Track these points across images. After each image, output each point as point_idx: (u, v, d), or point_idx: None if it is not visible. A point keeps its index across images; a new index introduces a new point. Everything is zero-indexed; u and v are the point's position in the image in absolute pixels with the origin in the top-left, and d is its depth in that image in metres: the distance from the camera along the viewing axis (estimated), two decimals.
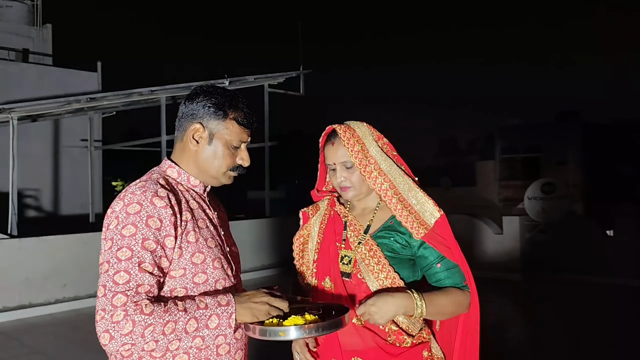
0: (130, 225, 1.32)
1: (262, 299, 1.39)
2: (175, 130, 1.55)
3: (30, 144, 12.64)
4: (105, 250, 1.33)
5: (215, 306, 1.34)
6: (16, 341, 5.62)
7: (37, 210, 13.56)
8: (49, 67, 15.00)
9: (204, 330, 1.31)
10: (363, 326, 1.60)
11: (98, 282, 1.34)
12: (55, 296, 6.94)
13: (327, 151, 1.70)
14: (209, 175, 1.52)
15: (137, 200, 1.35)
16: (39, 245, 6.97)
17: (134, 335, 1.24)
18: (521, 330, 5.82)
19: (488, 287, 7.99)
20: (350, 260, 1.64)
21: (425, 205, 1.65)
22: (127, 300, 1.26)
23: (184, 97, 1.55)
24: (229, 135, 1.49)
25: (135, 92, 9.05)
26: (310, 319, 1.42)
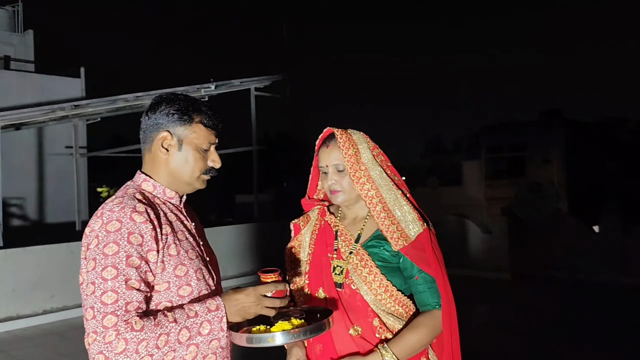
0: (112, 243, 1.31)
1: (250, 302, 1.40)
2: (141, 143, 1.54)
3: (14, 152, 12.48)
4: (89, 271, 1.32)
5: (205, 312, 1.34)
6: (4, 354, 5.53)
7: (22, 219, 13.40)
8: (32, 73, 14.85)
9: (197, 337, 1.32)
10: (360, 336, 1.61)
11: (84, 303, 1.34)
12: (43, 307, 6.85)
13: (321, 154, 1.72)
14: (183, 182, 1.51)
15: (116, 217, 1.34)
16: (24, 256, 6.88)
17: (128, 353, 1.24)
18: (511, 329, 5.85)
19: (477, 286, 8.06)
20: (342, 270, 1.65)
21: (409, 218, 1.65)
22: (117, 320, 1.25)
23: (147, 108, 1.55)
24: (197, 139, 1.50)
25: (120, 98, 8.98)
26: (297, 323, 1.42)
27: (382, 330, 1.61)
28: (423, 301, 1.65)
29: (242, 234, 9.42)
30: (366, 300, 1.62)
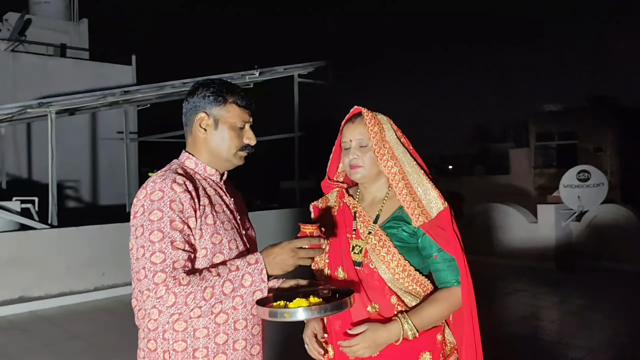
0: (156, 210, 1.43)
1: (287, 254, 1.49)
2: (184, 126, 1.67)
3: (69, 136, 13.03)
4: (138, 237, 1.44)
5: (245, 266, 1.45)
6: (58, 327, 5.85)
7: (76, 201, 14.00)
8: (86, 61, 15.38)
9: (241, 289, 1.43)
10: (377, 313, 1.65)
11: (135, 267, 1.46)
12: (94, 284, 7.18)
13: (345, 130, 1.77)
14: (222, 158, 1.63)
15: (159, 188, 1.47)
16: (78, 235, 7.22)
17: (178, 305, 1.36)
18: (554, 320, 5.74)
19: (521, 276, 7.94)
20: (361, 249, 1.69)
21: (431, 196, 1.68)
22: (166, 277, 1.37)
23: (187, 93, 1.66)
24: (232, 118, 1.61)
25: (167, 84, 9.21)
26: (314, 301, 1.47)
27: (400, 308, 1.64)
28: (442, 279, 1.67)
29: (284, 218, 9.58)
30: (384, 279, 1.65)
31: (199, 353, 1.50)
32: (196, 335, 1.49)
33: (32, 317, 6.23)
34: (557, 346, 4.87)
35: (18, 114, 9.33)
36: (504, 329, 5.37)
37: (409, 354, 1.63)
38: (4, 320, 6.11)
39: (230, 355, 1.53)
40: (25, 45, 14.93)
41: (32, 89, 12.80)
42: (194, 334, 1.49)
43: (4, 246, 6.60)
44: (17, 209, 7.90)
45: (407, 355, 1.63)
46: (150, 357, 1.52)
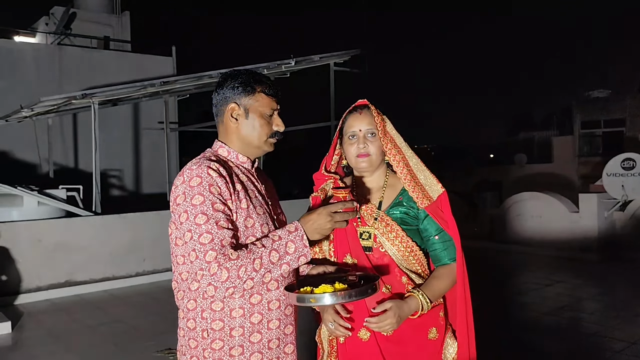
0: (197, 195, 1.50)
1: (324, 218, 1.56)
2: (215, 117, 1.74)
3: (113, 126, 13.41)
4: (182, 222, 1.51)
5: (286, 235, 1.54)
6: (101, 310, 6.08)
7: (120, 189, 14.41)
8: (128, 53, 15.74)
9: (286, 256, 1.51)
10: (391, 293, 1.74)
11: (178, 252, 1.57)
12: (136, 269, 7.42)
13: (351, 120, 1.84)
14: (253, 146, 1.69)
15: (196, 174, 1.53)
16: (120, 222, 7.46)
17: (232, 279, 1.45)
18: (593, 312, 5.61)
19: (561, 267, 7.77)
20: (369, 235, 1.79)
21: (430, 181, 1.81)
22: (216, 254, 1.45)
23: (215, 86, 1.73)
24: (261, 107, 1.68)
25: (205, 75, 9.34)
26: (339, 287, 1.53)
27: (409, 287, 1.76)
28: (439, 257, 1.80)
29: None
30: (394, 261, 1.76)
31: (235, 332, 1.57)
32: (232, 315, 1.57)
33: (77, 301, 6.50)
34: (597, 338, 4.76)
35: (64, 105, 9.65)
36: (543, 320, 5.29)
37: (420, 330, 1.76)
38: (51, 303, 6.39)
39: (265, 334, 1.61)
40: (70, 39, 15.40)
41: (77, 80, 13.21)
42: (230, 314, 1.56)
43: (50, 232, 6.89)
44: (63, 197, 8.22)
45: (418, 331, 1.76)
46: (189, 335, 1.61)
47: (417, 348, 1.75)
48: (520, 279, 7.34)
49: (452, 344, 1.81)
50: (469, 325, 1.80)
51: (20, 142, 12.40)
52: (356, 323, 1.73)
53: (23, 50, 13.55)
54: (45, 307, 6.23)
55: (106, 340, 5.00)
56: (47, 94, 9.77)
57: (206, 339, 1.57)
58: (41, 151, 11.94)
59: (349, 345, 1.78)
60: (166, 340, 4.76)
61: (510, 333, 4.87)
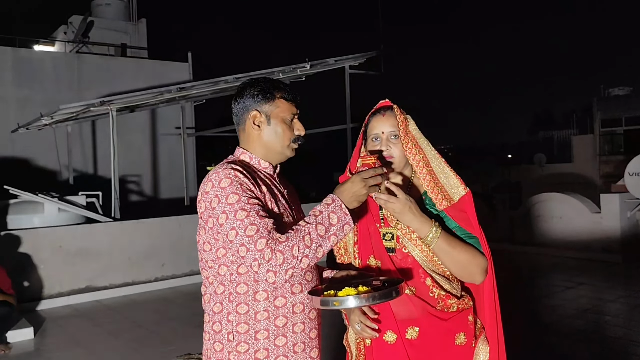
0: (231, 194, 1.52)
1: (358, 186, 1.57)
2: (235, 125, 1.76)
3: (131, 133, 13.55)
4: (223, 223, 1.51)
5: (325, 207, 1.55)
6: (121, 315, 6.13)
7: (138, 195, 14.55)
8: (145, 59, 15.92)
9: (332, 227, 1.52)
10: (415, 295, 1.71)
11: (210, 258, 1.60)
12: (155, 275, 7.47)
13: (374, 122, 1.81)
14: (276, 152, 1.71)
15: (224, 175, 1.55)
16: (138, 228, 7.52)
17: (288, 260, 1.46)
18: (618, 314, 5.49)
19: (584, 269, 7.64)
20: (392, 236, 1.76)
21: (452, 182, 1.77)
22: (266, 241, 1.46)
23: (234, 95, 1.75)
24: (282, 113, 1.70)
25: (221, 80, 9.39)
26: (363, 290, 1.52)
27: (435, 289, 1.72)
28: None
29: None
30: (418, 262, 1.72)
31: (260, 335, 1.58)
32: (257, 318, 1.58)
33: (98, 306, 6.55)
34: (622, 341, 4.66)
35: (82, 113, 9.78)
36: (566, 323, 5.19)
37: (447, 335, 1.72)
38: (72, 308, 6.45)
39: (290, 337, 1.61)
40: (88, 47, 15.62)
41: (96, 88, 13.39)
42: (255, 317, 1.58)
43: (70, 238, 6.96)
44: (82, 203, 8.31)
45: (445, 335, 1.71)
46: (215, 338, 1.62)
47: (444, 353, 1.71)
48: (541, 281, 7.23)
49: (484, 349, 1.77)
50: (499, 330, 1.76)
51: (41, 149, 12.60)
52: (382, 326, 1.71)
53: (42, 59, 13.77)
54: (67, 312, 6.30)
55: (127, 346, 5.03)
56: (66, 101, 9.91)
57: (231, 341, 1.59)
58: (61, 158, 12.11)
59: (375, 349, 1.75)
60: (186, 345, 4.77)
61: (533, 336, 4.79)
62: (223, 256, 1.58)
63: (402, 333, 1.70)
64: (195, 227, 1.69)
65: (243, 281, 1.58)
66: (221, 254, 1.58)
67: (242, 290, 1.58)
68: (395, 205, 1.63)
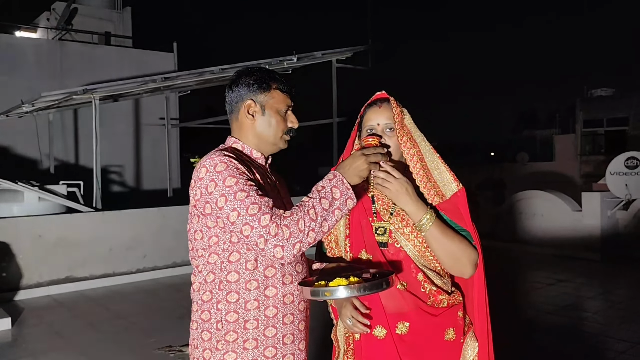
0: (229, 177, 1.50)
1: (360, 161, 1.57)
2: (228, 113, 1.74)
3: (114, 122, 13.38)
4: (223, 206, 1.49)
5: (327, 183, 1.54)
6: (102, 307, 6.05)
7: (121, 185, 14.39)
8: (129, 48, 15.71)
9: (335, 202, 1.51)
10: (406, 290, 1.70)
11: (201, 247, 1.58)
12: (137, 266, 7.39)
13: (370, 113, 1.79)
14: (269, 142, 1.70)
15: (219, 161, 1.53)
16: (120, 219, 7.43)
17: (294, 234, 1.45)
18: (597, 311, 5.57)
19: (564, 266, 7.72)
20: (385, 230, 1.74)
21: (446, 178, 1.75)
22: (270, 216, 1.45)
23: (229, 84, 1.73)
24: (277, 104, 1.68)
25: (207, 71, 9.30)
26: (354, 281, 1.51)
27: (427, 284, 1.71)
28: None
29: None
30: (410, 257, 1.71)
31: (250, 324, 1.57)
32: (247, 307, 1.56)
33: (78, 297, 6.47)
34: (601, 338, 4.73)
35: (64, 101, 9.62)
36: (547, 319, 5.25)
37: (436, 330, 1.71)
38: (51, 299, 6.36)
39: (280, 328, 1.61)
40: (71, 34, 15.37)
41: (78, 76, 13.18)
42: (245, 306, 1.56)
43: (51, 228, 6.85)
44: (63, 193, 8.18)
45: (435, 331, 1.71)
46: (203, 327, 1.60)
47: (433, 348, 1.71)
48: (523, 278, 7.31)
49: (472, 344, 1.76)
50: (488, 326, 1.77)
51: (21, 137, 12.39)
52: (372, 321, 1.70)
53: (24, 45, 13.51)
54: (46, 303, 6.20)
55: (106, 337, 4.97)
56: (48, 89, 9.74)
57: (220, 330, 1.57)
58: (42, 147, 11.92)
59: (364, 343, 1.74)
60: (167, 337, 4.73)
61: (513, 332, 4.83)
62: (215, 244, 1.57)
63: (392, 328, 1.69)
64: (178, 218, 1.68)
65: (234, 269, 1.56)
66: (213, 242, 1.57)
67: (232, 279, 1.56)
68: (392, 185, 1.62)
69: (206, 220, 1.56)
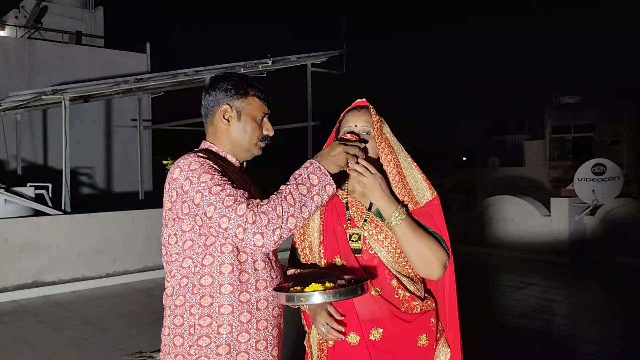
0: (204, 174, 1.49)
1: (338, 149, 1.58)
2: (204, 117, 1.73)
3: (84, 124, 13.13)
4: (199, 202, 1.47)
5: (304, 170, 1.53)
6: (70, 312, 5.92)
7: (91, 188, 14.13)
8: (101, 48, 15.45)
9: (313, 188, 1.50)
10: (380, 297, 1.69)
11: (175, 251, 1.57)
12: (106, 270, 7.25)
13: (350, 116, 1.80)
14: (243, 148, 1.69)
15: (193, 160, 1.53)
16: (90, 222, 7.28)
17: (273, 220, 1.43)
18: (565, 314, 5.69)
19: (533, 269, 7.87)
20: (359, 237, 1.74)
21: (421, 187, 1.77)
22: (246, 204, 1.44)
23: (206, 87, 1.72)
24: (253, 110, 1.68)
25: (180, 72, 9.21)
26: (329, 286, 1.50)
27: (400, 291, 1.71)
28: None
29: None
30: (384, 263, 1.71)
31: (223, 329, 1.55)
32: (221, 312, 1.54)
33: (45, 302, 6.31)
34: (569, 341, 4.82)
35: (33, 101, 9.41)
36: (516, 323, 5.33)
37: (409, 336, 1.71)
38: (18, 304, 6.20)
39: (253, 334, 1.59)
40: (41, 33, 15.04)
41: (48, 76, 12.91)
42: (219, 310, 1.54)
43: (17, 231, 6.68)
44: (31, 195, 8.00)
45: (408, 337, 1.71)
46: (175, 332, 1.57)
47: (406, 355, 1.71)
48: (493, 282, 7.41)
49: (444, 350, 1.77)
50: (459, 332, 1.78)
51: None
52: (346, 327, 1.69)
53: None
54: (12, 308, 6.04)
55: (74, 343, 4.86)
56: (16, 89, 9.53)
57: (193, 335, 1.55)
58: (9, 148, 11.63)
59: (338, 350, 1.74)
60: (137, 343, 4.64)
61: (483, 336, 4.89)
62: (189, 248, 1.55)
63: (365, 334, 1.69)
64: (150, 221, 1.65)
65: (207, 273, 1.55)
66: (187, 246, 1.55)
67: (206, 283, 1.55)
68: (368, 179, 1.63)
69: (181, 224, 1.55)
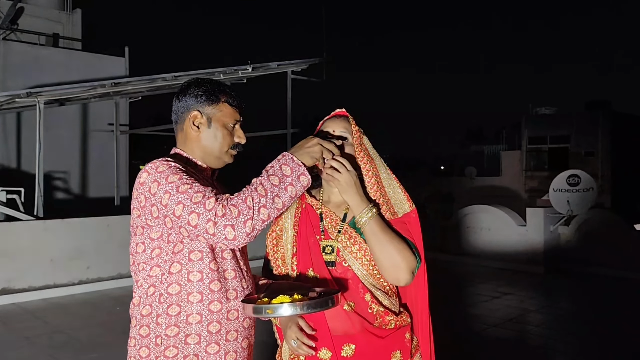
0: (171, 175, 1.46)
1: (312, 141, 1.56)
2: (174, 123, 1.69)
3: (60, 127, 12.90)
4: (168, 203, 1.44)
5: (276, 162, 1.50)
6: (40, 320, 5.78)
7: (65, 192, 13.87)
8: (78, 51, 15.22)
9: (286, 178, 1.46)
10: (353, 311, 1.65)
11: (142, 260, 1.52)
12: (79, 277, 7.11)
13: (328, 122, 1.77)
14: (213, 156, 1.65)
15: (160, 163, 1.50)
16: (63, 228, 7.13)
17: (244, 212, 1.39)
18: (540, 324, 5.74)
19: (508, 279, 7.94)
20: (332, 249, 1.70)
21: (399, 197, 1.74)
22: (214, 199, 1.41)
23: (177, 92, 1.68)
24: (224, 117, 1.64)
25: (159, 77, 9.12)
26: (298, 298, 1.46)
27: (374, 305, 1.66)
28: None
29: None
30: (358, 277, 1.67)
31: (191, 339, 1.50)
32: (189, 321, 1.50)
33: (15, 310, 6.15)
34: (543, 350, 4.86)
35: (7, 103, 9.22)
36: (490, 332, 5.36)
37: (383, 353, 1.67)
38: None
39: (223, 345, 1.54)
40: (16, 34, 14.76)
41: (23, 78, 12.66)
42: (186, 320, 1.50)
43: None
44: (2, 200, 7.82)
45: (381, 353, 1.67)
46: (141, 343, 1.52)
47: None
48: (469, 291, 7.45)
49: None
50: (431, 346, 1.75)
51: None
52: (317, 342, 1.65)
53: None
54: None
55: (43, 352, 4.73)
56: None
57: (159, 345, 1.50)
58: None
59: None
60: (110, 352, 4.55)
61: (459, 346, 4.90)
62: (157, 256, 1.51)
63: (337, 350, 1.64)
64: (125, 227, 1.60)
65: (175, 281, 1.50)
66: (155, 254, 1.51)
67: (174, 291, 1.50)
68: (342, 176, 1.60)
69: (150, 232, 1.51)
